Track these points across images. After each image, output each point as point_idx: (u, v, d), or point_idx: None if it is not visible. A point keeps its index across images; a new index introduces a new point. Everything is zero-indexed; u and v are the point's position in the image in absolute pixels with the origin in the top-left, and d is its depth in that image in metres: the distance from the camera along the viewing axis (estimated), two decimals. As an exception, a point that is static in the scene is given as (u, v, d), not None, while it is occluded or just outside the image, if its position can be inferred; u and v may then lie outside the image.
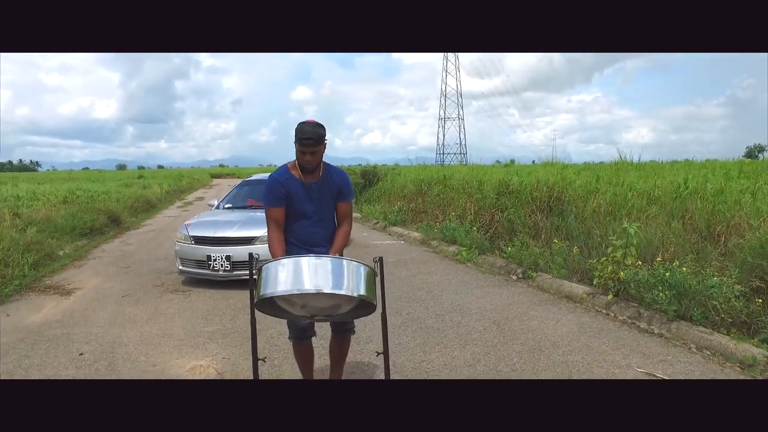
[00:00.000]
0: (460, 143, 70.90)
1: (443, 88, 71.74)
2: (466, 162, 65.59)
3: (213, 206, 7.63)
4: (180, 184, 31.49)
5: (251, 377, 2.55)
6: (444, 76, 71.23)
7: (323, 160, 2.81)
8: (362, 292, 2.24)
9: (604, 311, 4.87)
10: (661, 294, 4.29)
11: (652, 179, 8.97)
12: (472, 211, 9.70)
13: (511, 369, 3.48)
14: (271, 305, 2.35)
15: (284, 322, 2.99)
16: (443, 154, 69.93)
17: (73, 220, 10.09)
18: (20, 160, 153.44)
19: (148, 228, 12.20)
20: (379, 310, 2.48)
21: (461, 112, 72.90)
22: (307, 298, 2.28)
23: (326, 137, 2.71)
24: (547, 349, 3.83)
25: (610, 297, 4.96)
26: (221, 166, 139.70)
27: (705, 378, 3.34)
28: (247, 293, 2.58)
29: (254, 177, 8.68)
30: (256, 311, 2.37)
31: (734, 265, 4.77)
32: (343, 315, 2.53)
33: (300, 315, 2.49)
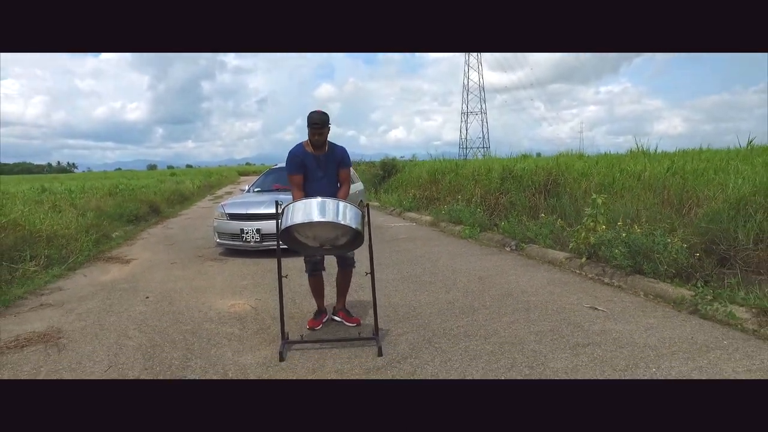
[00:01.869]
0: (483, 137, 71.21)
1: (465, 83, 72.11)
2: (489, 156, 65.90)
3: (245, 191, 8.69)
4: (210, 180, 33.09)
5: (278, 312, 3.51)
6: (466, 70, 71.56)
7: (328, 139, 3.78)
8: (355, 225, 3.19)
9: (577, 271, 5.68)
10: (616, 251, 5.10)
11: (660, 164, 9.66)
12: (479, 195, 10.52)
13: (481, 305, 4.38)
14: (292, 238, 3.32)
15: (303, 289, 3.95)
16: (466, 148, 70.33)
17: (120, 209, 11.35)
18: (58, 162, 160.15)
19: (185, 216, 13.43)
20: (367, 243, 3.41)
21: (484, 107, 73.13)
22: (316, 229, 3.23)
23: (329, 122, 3.68)
24: (515, 294, 4.71)
25: (583, 260, 5.76)
26: (248, 164, 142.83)
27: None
28: (274, 260, 3.53)
29: (279, 165, 9.72)
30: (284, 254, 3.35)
31: (692, 230, 5.52)
32: (343, 246, 3.48)
33: (312, 246, 3.45)
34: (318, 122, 3.62)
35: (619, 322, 3.83)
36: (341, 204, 3.21)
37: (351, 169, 10.62)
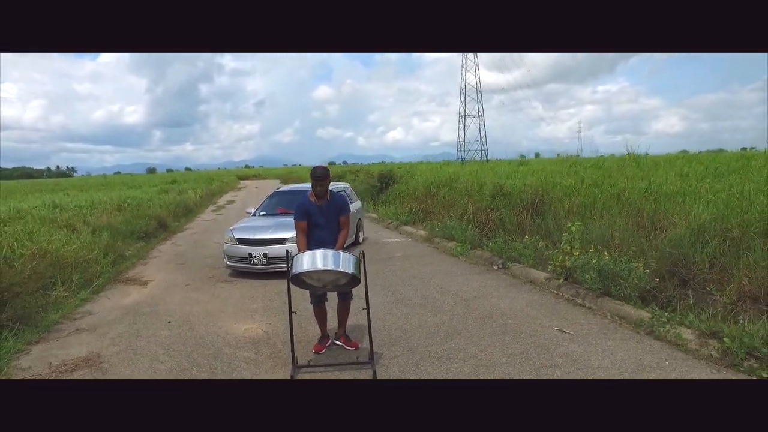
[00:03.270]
0: (481, 140, 71.92)
1: (462, 86, 72.82)
2: (487, 158, 66.50)
3: (250, 213, 9.31)
4: (211, 188, 33.68)
5: (288, 336, 4.13)
6: (463, 73, 72.28)
7: (329, 189, 4.42)
8: (352, 270, 3.81)
9: (555, 291, 6.30)
10: (587, 275, 5.73)
11: (646, 177, 10.32)
12: (471, 211, 11.15)
13: (464, 328, 5.00)
14: (300, 280, 3.95)
15: (308, 306, 4.58)
16: (464, 150, 71.05)
17: (130, 226, 11.97)
18: (57, 166, 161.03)
19: (191, 231, 14.04)
20: (363, 282, 4.04)
21: (481, 109, 73.96)
22: (320, 274, 3.86)
23: (329, 174, 4.32)
24: (495, 316, 5.33)
25: (560, 281, 6.39)
26: (247, 167, 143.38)
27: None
28: (280, 281, 4.14)
29: (282, 188, 10.38)
30: (292, 285, 3.98)
31: (658, 253, 6.15)
32: (343, 285, 4.11)
33: (318, 286, 4.08)
34: (320, 176, 4.27)
35: (581, 344, 4.45)
36: (341, 254, 3.84)
37: (349, 187, 11.20)
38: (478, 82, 74.08)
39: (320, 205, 4.40)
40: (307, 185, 10.96)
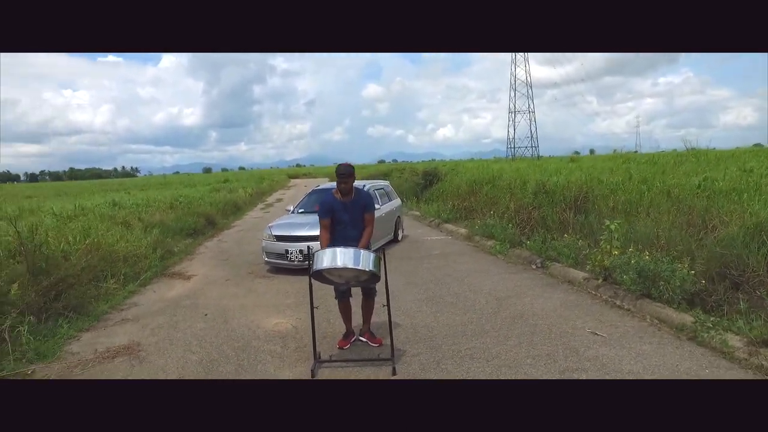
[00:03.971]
0: (531, 136, 70.13)
1: (512, 81, 71.24)
2: (538, 155, 64.72)
3: (289, 211, 9.53)
4: (261, 187, 34.73)
5: (314, 331, 4.20)
6: (512, 68, 70.70)
7: (354, 185, 4.45)
8: (371, 268, 3.83)
9: (592, 292, 6.06)
10: (626, 276, 5.47)
11: (703, 173, 9.73)
12: (513, 209, 10.90)
13: (492, 327, 4.90)
14: (321, 276, 4.01)
15: (336, 311, 4.64)
16: (514, 147, 69.55)
17: (181, 223, 12.55)
18: (123, 167, 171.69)
19: (238, 228, 14.53)
20: (383, 279, 4.05)
21: (531, 105, 72.08)
22: (340, 270, 3.90)
23: (354, 172, 4.35)
24: (526, 316, 5.19)
25: (599, 281, 6.14)
26: (298, 165, 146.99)
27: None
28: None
29: (321, 186, 10.54)
30: (314, 280, 4.05)
31: (707, 254, 5.78)
32: (363, 281, 4.14)
33: (339, 282, 4.13)
34: (344, 173, 4.31)
35: (614, 348, 4.25)
36: (361, 252, 3.86)
37: (388, 185, 11.25)
38: (528, 78, 72.28)
39: (345, 202, 4.44)
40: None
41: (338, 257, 3.85)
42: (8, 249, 6.09)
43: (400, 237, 10.79)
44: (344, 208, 4.44)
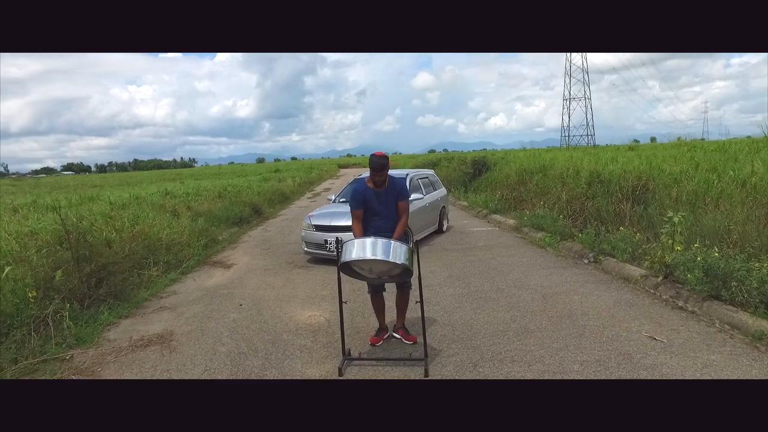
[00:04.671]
0: (587, 124, 67.00)
1: (568, 67, 68.21)
2: (594, 143, 61.80)
3: (331, 200, 9.41)
4: (310, 176, 35.15)
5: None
6: (568, 54, 67.57)
7: (389, 174, 4.20)
8: (402, 261, 3.57)
9: (651, 291, 5.52)
10: (691, 274, 4.91)
11: None
12: (564, 199, 10.29)
13: (536, 327, 4.52)
14: (351, 270, 3.79)
15: (368, 297, 4.42)
16: (568, 136, 66.79)
17: (227, 212, 12.76)
18: (181, 158, 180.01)
19: (283, 217, 14.64)
20: (416, 273, 3.78)
21: (588, 91, 68.72)
22: (370, 263, 3.67)
23: (389, 163, 4.09)
24: (575, 316, 4.77)
25: (659, 279, 5.58)
26: (349, 155, 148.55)
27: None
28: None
29: (363, 175, 10.33)
30: (344, 274, 3.85)
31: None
32: (395, 276, 3.88)
33: (370, 276, 3.91)
34: (377, 166, 4.06)
35: (675, 356, 3.79)
36: (392, 243, 3.61)
37: (433, 175, 10.90)
38: (585, 63, 68.94)
39: (378, 191, 4.20)
40: (393, 171, 10.86)
41: (368, 248, 3.61)
42: (57, 237, 6.28)
43: (445, 228, 10.45)
44: (377, 199, 4.20)
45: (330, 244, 7.56)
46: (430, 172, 11.37)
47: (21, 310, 4.72)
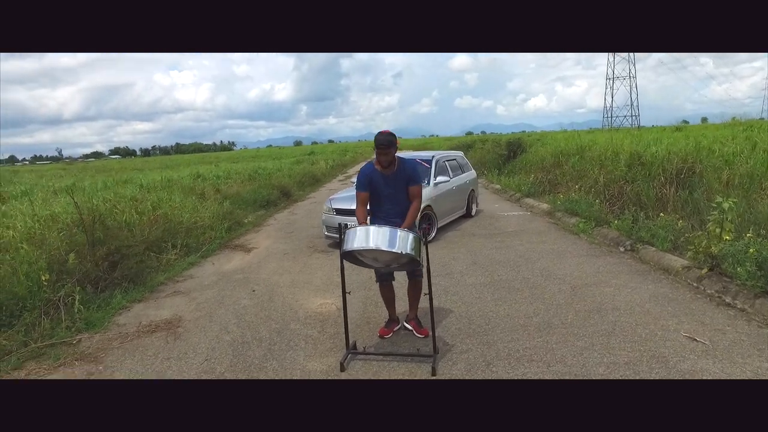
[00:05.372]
0: (632, 104, 63.88)
1: (613, 43, 64.79)
2: (638, 124, 58.98)
3: (355, 183, 9.16)
4: (344, 159, 35.06)
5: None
6: (613, 29, 64.24)
7: (398, 156, 3.89)
8: (408, 251, 3.28)
9: (693, 284, 5.02)
10: (740, 268, 4.40)
11: None
12: (602, 183, 9.67)
13: (561, 322, 4.15)
14: (354, 258, 3.54)
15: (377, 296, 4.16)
16: (611, 117, 63.92)
17: (255, 195, 12.74)
18: (221, 141, 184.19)
19: (311, 200, 14.53)
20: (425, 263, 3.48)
21: (633, 69, 65.27)
22: (375, 252, 3.40)
23: (396, 141, 3.77)
24: (605, 311, 4.36)
25: (703, 271, 5.07)
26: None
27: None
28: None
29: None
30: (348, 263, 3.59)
31: None
32: (403, 266, 3.61)
33: (377, 265, 3.65)
34: (383, 143, 3.74)
35: (719, 361, 3.36)
36: (398, 232, 3.32)
37: (462, 157, 10.45)
38: (633, 38, 65.32)
39: (386, 175, 3.89)
40: (416, 153, 10.49)
41: (371, 237, 3.34)
42: (76, 220, 6.29)
43: (473, 212, 10.04)
44: (385, 182, 3.90)
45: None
46: (459, 154, 10.93)
47: (34, 293, 4.72)
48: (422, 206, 7.75)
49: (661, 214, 6.75)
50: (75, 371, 3.77)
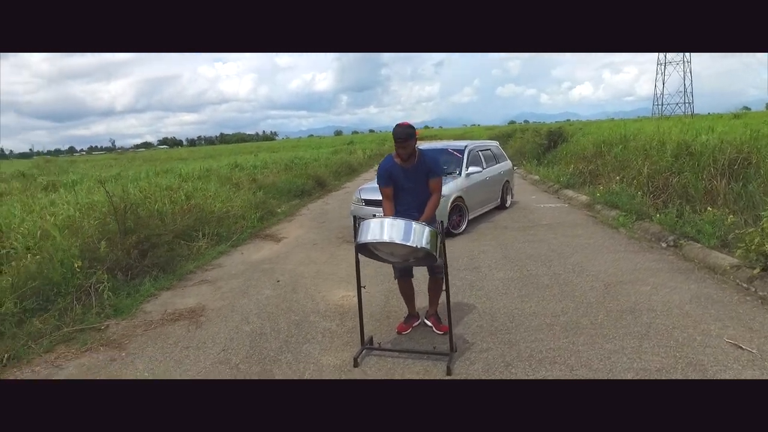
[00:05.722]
0: (684, 90, 60.46)
1: (666, 26, 61.44)
2: (692, 112, 55.88)
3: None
4: (382, 149, 34.95)
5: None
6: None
7: (419, 148, 3.76)
8: (424, 245, 3.15)
9: (744, 285, 4.64)
10: (794, 269, 4.01)
11: None
12: (646, 174, 9.17)
13: (590, 322, 3.92)
14: (370, 251, 3.44)
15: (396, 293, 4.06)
16: (662, 105, 60.76)
17: (290, 185, 12.84)
18: (263, 131, 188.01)
19: (346, 190, 14.54)
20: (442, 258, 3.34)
21: (687, 54, 61.66)
22: (390, 246, 3.29)
23: (415, 133, 3.63)
24: (639, 311, 4.08)
25: (755, 271, 4.68)
26: (426, 127, 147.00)
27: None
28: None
29: (421, 147, 9.83)
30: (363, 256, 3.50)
31: None
32: (420, 260, 3.48)
33: (393, 260, 3.54)
34: (402, 136, 3.61)
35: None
36: (413, 225, 3.20)
37: (497, 146, 10.15)
38: (688, 20, 61.71)
39: (406, 168, 3.76)
40: (449, 143, 10.25)
41: (385, 230, 3.23)
42: (110, 209, 6.49)
43: (508, 203, 9.75)
44: (405, 175, 3.77)
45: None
46: (494, 143, 10.61)
47: (68, 279, 4.89)
48: (453, 197, 7.61)
49: (709, 208, 6.30)
50: (99, 356, 3.87)
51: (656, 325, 3.79)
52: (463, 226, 7.65)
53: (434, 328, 3.98)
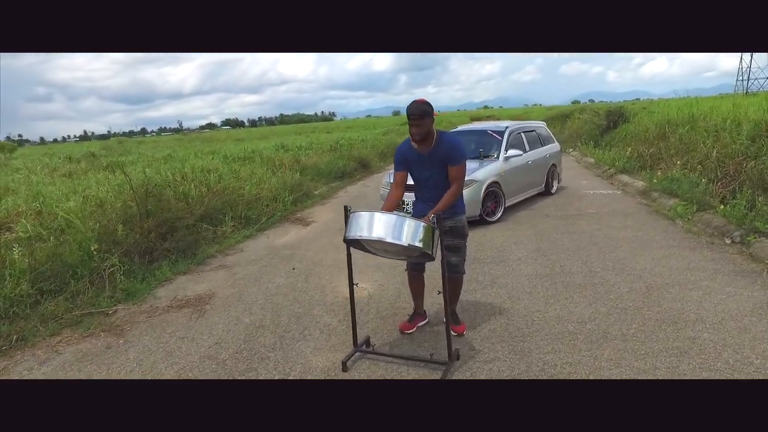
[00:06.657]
0: (775, 63, 54.51)
1: (755, -8, 55.45)
2: (783, 88, 50.38)
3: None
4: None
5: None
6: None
7: (439, 130, 3.34)
8: (416, 243, 2.78)
9: (821, 292, 3.93)
10: None
11: None
12: (715, 158, 8.17)
13: (621, 333, 3.40)
14: (362, 246, 3.11)
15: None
16: (747, 80, 55.20)
17: (331, 166, 12.67)
18: (322, 111, 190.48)
19: (389, 171, 14.18)
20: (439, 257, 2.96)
21: (779, 22, 55.33)
22: (381, 243, 2.94)
23: (433, 112, 3.21)
24: (683, 322, 3.51)
25: (835, 276, 3.94)
26: (485, 107, 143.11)
27: None
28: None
29: (461, 128, 9.29)
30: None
31: None
32: (417, 258, 3.12)
33: (387, 257, 3.21)
34: (416, 113, 3.18)
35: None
36: (406, 221, 2.85)
37: (543, 128, 9.44)
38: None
39: (421, 153, 3.35)
40: (488, 125, 9.62)
41: (373, 225, 2.89)
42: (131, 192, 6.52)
43: (554, 189, 9.07)
44: (421, 161, 3.37)
45: (407, 205, 6.87)
46: (541, 124, 9.87)
47: (84, 261, 4.92)
48: (488, 182, 7.08)
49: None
50: (98, 343, 3.82)
51: (702, 341, 3.22)
52: (499, 214, 7.13)
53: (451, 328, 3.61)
